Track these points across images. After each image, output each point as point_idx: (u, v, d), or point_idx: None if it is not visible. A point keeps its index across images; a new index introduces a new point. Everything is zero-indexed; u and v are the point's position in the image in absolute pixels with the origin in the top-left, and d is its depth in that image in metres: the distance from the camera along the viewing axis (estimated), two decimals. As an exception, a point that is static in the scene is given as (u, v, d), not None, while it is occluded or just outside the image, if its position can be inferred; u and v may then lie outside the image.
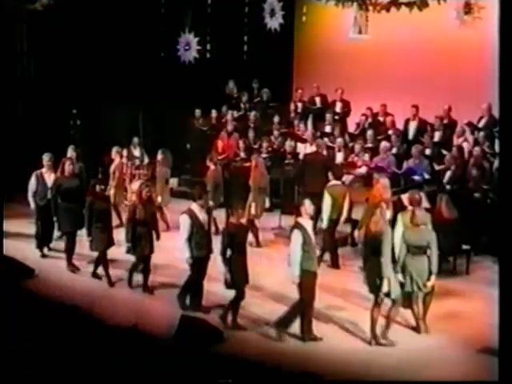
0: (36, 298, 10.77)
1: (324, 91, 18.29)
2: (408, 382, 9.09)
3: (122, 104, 18.46)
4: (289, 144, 16.98)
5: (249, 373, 8.55)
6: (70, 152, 14.94)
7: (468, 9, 15.18)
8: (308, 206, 10.14)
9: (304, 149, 16.86)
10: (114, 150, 15.68)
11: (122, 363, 8.62)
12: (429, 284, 10.22)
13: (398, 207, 12.00)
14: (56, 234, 13.61)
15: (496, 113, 15.24)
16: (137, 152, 16.96)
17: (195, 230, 10.81)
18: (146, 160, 17.07)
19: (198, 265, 10.96)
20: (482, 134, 15.25)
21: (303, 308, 10.13)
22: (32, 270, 12.39)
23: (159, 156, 15.53)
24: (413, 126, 16.50)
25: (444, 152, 15.29)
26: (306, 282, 9.98)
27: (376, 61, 17.79)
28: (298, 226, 10.07)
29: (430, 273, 10.20)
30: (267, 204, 14.55)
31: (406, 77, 17.27)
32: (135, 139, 17.05)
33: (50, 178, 13.36)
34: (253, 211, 14.02)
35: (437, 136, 16.01)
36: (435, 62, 16.74)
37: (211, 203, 12.72)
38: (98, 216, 12.12)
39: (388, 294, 9.96)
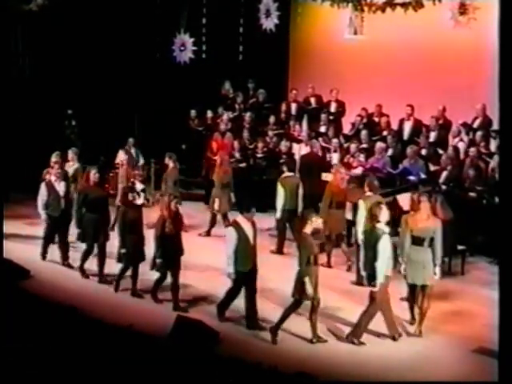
0: (32, 299, 10.72)
1: (319, 92, 18.26)
2: (408, 382, 9.15)
3: (117, 104, 18.46)
4: (284, 144, 16.96)
5: (245, 374, 8.52)
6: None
7: (463, 9, 15.19)
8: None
9: (299, 149, 16.85)
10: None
11: (117, 364, 8.60)
12: (435, 277, 10.38)
13: (394, 208, 12.02)
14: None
15: (490, 113, 15.28)
16: (132, 153, 16.92)
17: (241, 243, 10.42)
18: (142, 161, 17.07)
19: (241, 280, 10.54)
20: (478, 134, 15.26)
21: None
22: (27, 271, 12.36)
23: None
24: (408, 127, 16.48)
25: (440, 152, 15.30)
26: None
27: (371, 61, 17.76)
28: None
29: (434, 265, 10.34)
30: (233, 199, 14.93)
31: (401, 77, 17.26)
32: (130, 140, 17.02)
33: (60, 187, 12.88)
34: (216, 207, 14.63)
35: (432, 136, 16.00)
36: (430, 63, 16.72)
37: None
38: (131, 227, 11.54)
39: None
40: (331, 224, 12.76)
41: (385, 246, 9.98)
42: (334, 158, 16.30)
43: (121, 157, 15.91)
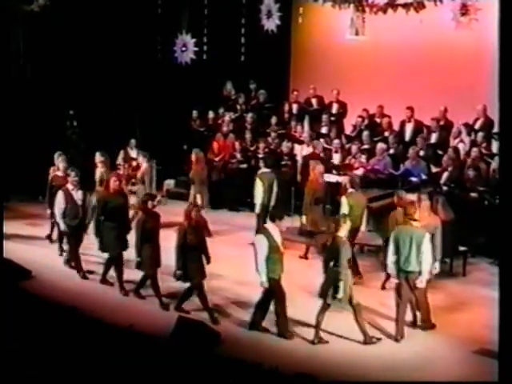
0: (32, 299, 10.73)
1: (320, 92, 18.26)
2: (408, 382, 9.19)
3: (118, 105, 18.46)
4: (286, 145, 16.97)
5: (245, 374, 8.53)
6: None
7: (465, 10, 15.18)
8: None
9: (301, 150, 16.87)
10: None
11: (118, 364, 8.61)
12: (434, 272, 10.60)
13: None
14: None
15: (491, 114, 15.27)
16: (133, 153, 16.95)
17: (272, 251, 10.27)
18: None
19: (274, 288, 10.37)
20: (480, 134, 15.26)
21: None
22: (29, 272, 12.36)
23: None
24: (409, 128, 16.47)
25: (440, 153, 15.30)
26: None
27: (373, 62, 17.75)
28: None
29: (434, 259, 10.58)
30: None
31: (402, 78, 17.24)
32: (132, 140, 17.04)
33: (77, 195, 12.53)
34: (199, 201, 14.65)
35: (433, 137, 16.00)
36: (432, 64, 16.72)
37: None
38: (149, 235, 11.29)
39: None
40: (311, 220, 13.44)
41: (429, 246, 10.27)
42: (336, 158, 16.32)
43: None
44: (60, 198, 12.52)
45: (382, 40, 17.12)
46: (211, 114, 18.72)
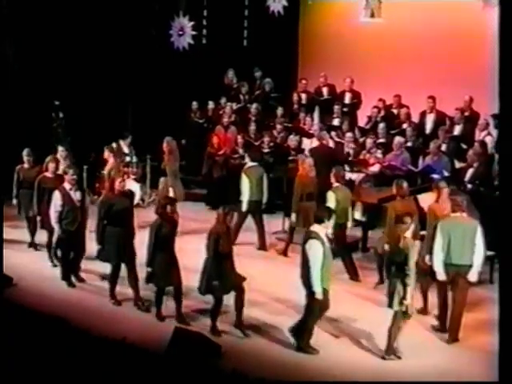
0: (15, 308, 10.73)
1: (332, 81, 18.29)
2: (408, 382, 9.51)
3: (109, 95, 18.47)
4: (293, 139, 16.99)
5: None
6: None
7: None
8: None
9: (310, 144, 16.87)
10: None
11: (109, 381, 8.63)
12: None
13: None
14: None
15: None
16: (126, 148, 16.98)
17: (326, 257, 10.14)
18: (135, 159, 17.10)
19: (323, 299, 10.24)
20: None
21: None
22: (10, 279, 12.37)
23: (109, 154, 15.28)
24: (430, 119, 16.50)
25: (465, 147, 15.30)
26: None
27: (390, 47, 17.79)
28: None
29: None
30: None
31: (422, 65, 17.26)
32: (125, 134, 17.04)
33: (76, 196, 12.40)
34: (171, 195, 14.79)
35: (457, 130, 16.02)
36: (455, 48, 16.73)
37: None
38: (164, 243, 11.02)
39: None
40: (303, 217, 13.64)
41: (482, 237, 10.72)
42: (348, 154, 16.32)
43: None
44: (56, 199, 12.33)
45: (399, 23, 17.16)
46: (211, 105, 18.74)
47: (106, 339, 9.68)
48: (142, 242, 11.47)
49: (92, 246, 12.24)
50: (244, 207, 14.39)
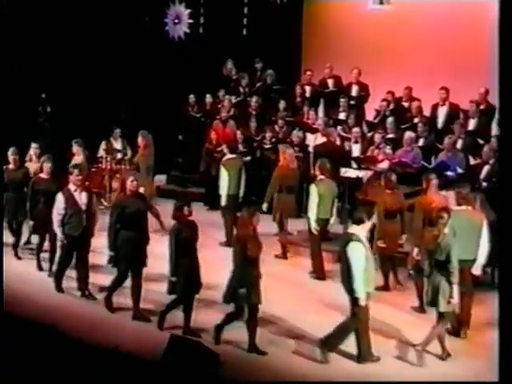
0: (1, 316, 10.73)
1: (338, 72, 18.26)
2: (408, 382, 9.78)
3: (100, 87, 18.45)
4: (296, 134, 16.98)
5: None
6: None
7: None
8: None
9: (314, 140, 16.86)
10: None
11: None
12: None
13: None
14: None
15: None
16: (118, 144, 16.99)
17: (367, 259, 10.17)
18: (129, 153, 17.13)
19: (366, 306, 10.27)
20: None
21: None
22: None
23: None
24: (442, 113, 16.47)
25: (481, 143, 15.29)
26: None
27: (400, 36, 17.78)
28: None
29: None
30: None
31: (434, 55, 17.26)
32: (116, 130, 17.06)
33: (81, 198, 12.11)
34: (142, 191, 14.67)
35: (471, 124, 16.00)
36: (470, 37, 16.73)
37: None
38: (185, 249, 10.88)
39: None
40: (281, 210, 14.19)
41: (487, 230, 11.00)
42: (355, 149, 16.32)
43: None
44: (59, 201, 12.05)
45: (410, 10, 17.17)
46: (209, 98, 18.74)
47: (97, 347, 9.68)
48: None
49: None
50: (223, 202, 14.72)
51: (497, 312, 8.97)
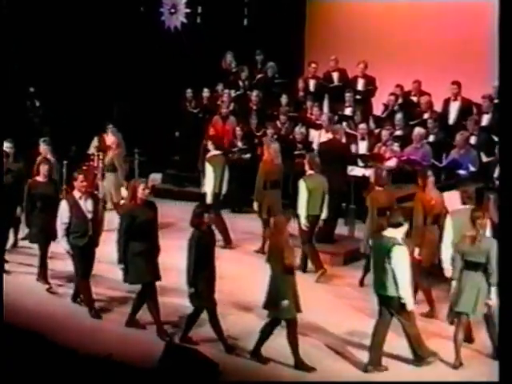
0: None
1: (343, 65, 18.27)
2: (408, 382, 10.03)
3: (92, 80, 18.45)
4: (299, 130, 16.99)
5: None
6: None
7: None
8: None
9: (318, 136, 16.87)
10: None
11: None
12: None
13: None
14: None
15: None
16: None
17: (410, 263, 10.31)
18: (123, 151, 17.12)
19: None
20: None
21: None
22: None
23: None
24: (454, 108, 16.48)
25: (495, 140, 15.29)
26: None
27: (409, 27, 17.77)
28: None
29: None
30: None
31: (446, 47, 17.26)
32: (109, 126, 17.06)
33: (86, 206, 11.82)
34: (124, 194, 14.94)
35: (485, 119, 16.00)
36: (484, 29, 16.70)
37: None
38: (206, 258, 10.75)
39: None
40: (268, 206, 14.42)
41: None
42: (361, 146, 16.33)
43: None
44: (64, 210, 11.77)
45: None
46: (207, 93, 18.73)
47: (89, 356, 9.67)
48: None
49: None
50: (208, 199, 14.93)
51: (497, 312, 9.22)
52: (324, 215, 13.67)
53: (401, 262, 10.10)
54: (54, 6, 17.96)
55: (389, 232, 10.28)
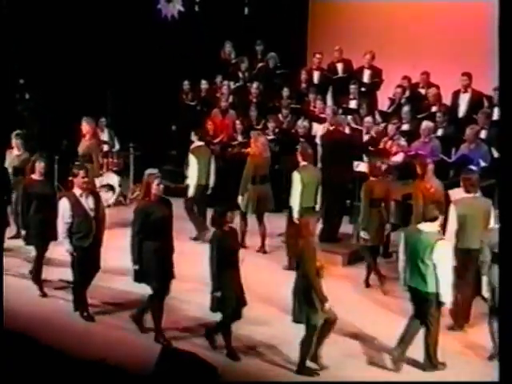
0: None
1: (348, 56, 18.28)
2: (408, 382, 10.27)
3: (84, 72, 18.43)
4: (302, 124, 16.98)
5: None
6: (14, 141, 14.51)
7: None
8: None
9: (322, 130, 16.85)
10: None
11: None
12: None
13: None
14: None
15: None
16: (105, 136, 17.01)
17: None
18: (117, 146, 17.12)
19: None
20: None
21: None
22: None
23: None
24: (464, 100, 16.48)
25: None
26: None
27: (416, 16, 17.76)
28: None
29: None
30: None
31: (455, 37, 17.27)
32: (102, 119, 17.05)
33: (88, 203, 11.64)
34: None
35: (497, 113, 15.99)
36: (494, 18, 16.68)
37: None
38: (229, 259, 10.68)
39: None
40: (256, 201, 14.60)
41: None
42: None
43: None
44: (65, 208, 11.55)
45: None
46: (204, 84, 18.73)
47: (82, 360, 9.67)
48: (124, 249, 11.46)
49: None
50: (191, 192, 15.27)
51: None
52: (318, 207, 13.82)
53: (445, 256, 10.27)
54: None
55: (426, 226, 10.40)
